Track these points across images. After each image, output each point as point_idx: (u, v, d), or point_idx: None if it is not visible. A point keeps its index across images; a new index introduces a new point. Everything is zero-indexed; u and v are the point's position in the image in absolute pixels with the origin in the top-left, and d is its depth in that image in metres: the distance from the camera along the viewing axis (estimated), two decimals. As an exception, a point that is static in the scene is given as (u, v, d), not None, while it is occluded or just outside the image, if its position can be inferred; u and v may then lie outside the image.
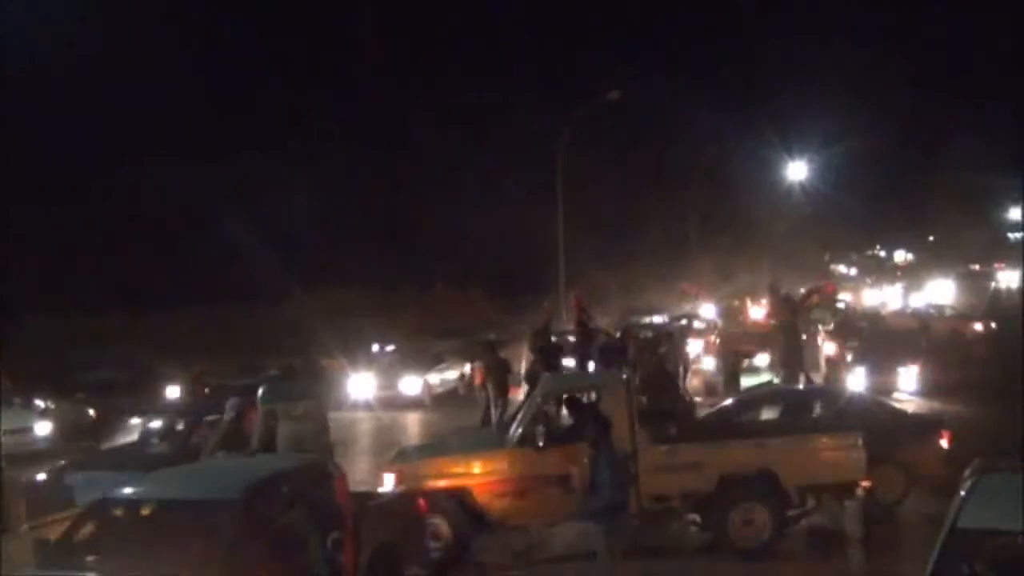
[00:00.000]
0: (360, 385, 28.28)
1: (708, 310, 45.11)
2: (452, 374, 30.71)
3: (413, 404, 27.62)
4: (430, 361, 30.03)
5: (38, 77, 41.68)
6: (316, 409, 13.11)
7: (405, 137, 62.30)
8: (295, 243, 49.35)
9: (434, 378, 29.33)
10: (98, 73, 46.16)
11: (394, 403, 27.36)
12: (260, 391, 13.04)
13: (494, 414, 21.59)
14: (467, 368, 30.33)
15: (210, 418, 15.70)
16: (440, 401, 28.51)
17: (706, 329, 35.39)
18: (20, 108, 38.73)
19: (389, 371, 29.02)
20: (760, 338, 26.59)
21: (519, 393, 20.61)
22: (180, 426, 16.02)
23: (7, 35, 32.48)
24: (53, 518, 10.97)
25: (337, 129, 59.57)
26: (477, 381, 22.98)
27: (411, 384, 28.35)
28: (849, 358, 25.15)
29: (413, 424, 25.37)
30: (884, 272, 79.70)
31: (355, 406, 26.74)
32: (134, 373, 28.28)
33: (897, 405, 17.53)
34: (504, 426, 14.26)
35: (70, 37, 40.07)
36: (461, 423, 22.65)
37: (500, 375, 22.26)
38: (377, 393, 27.95)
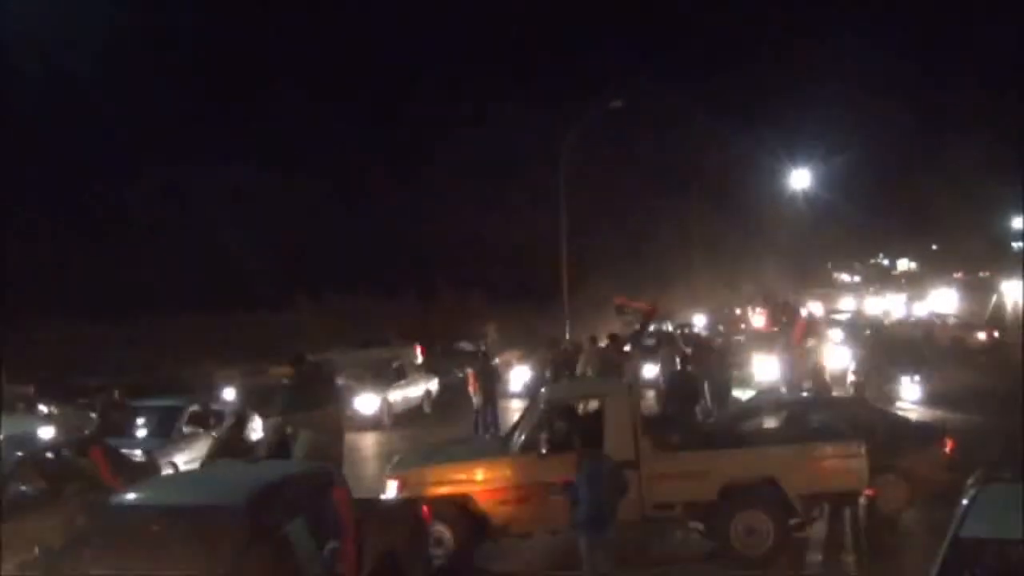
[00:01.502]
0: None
1: (699, 319, 45.05)
2: (416, 390, 27.87)
3: (370, 424, 24.62)
4: (391, 376, 26.76)
5: (38, 83, 41.86)
6: (332, 417, 13.10)
7: (409, 143, 62.45)
8: (298, 248, 49.50)
9: (395, 395, 26.41)
10: (98, 78, 46.30)
11: (348, 424, 22.92)
12: (274, 400, 13.03)
13: (489, 422, 21.67)
14: (434, 384, 29.18)
15: (49, 455, 13.89)
16: (402, 421, 26.02)
17: (708, 337, 35.35)
18: (20, 113, 38.92)
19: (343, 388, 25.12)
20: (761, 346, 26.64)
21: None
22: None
23: (7, 44, 32.72)
24: None
25: (342, 134, 59.82)
26: (471, 388, 23.00)
27: (368, 402, 25.11)
28: (852, 367, 25.13)
29: (368, 447, 22.59)
30: (887, 280, 79.65)
31: None
32: (137, 378, 28.30)
33: (900, 414, 17.53)
34: (508, 433, 14.26)
35: (66, 44, 40.27)
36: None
37: (489, 383, 22.29)
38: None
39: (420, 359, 34.01)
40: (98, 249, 43.68)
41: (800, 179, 52.07)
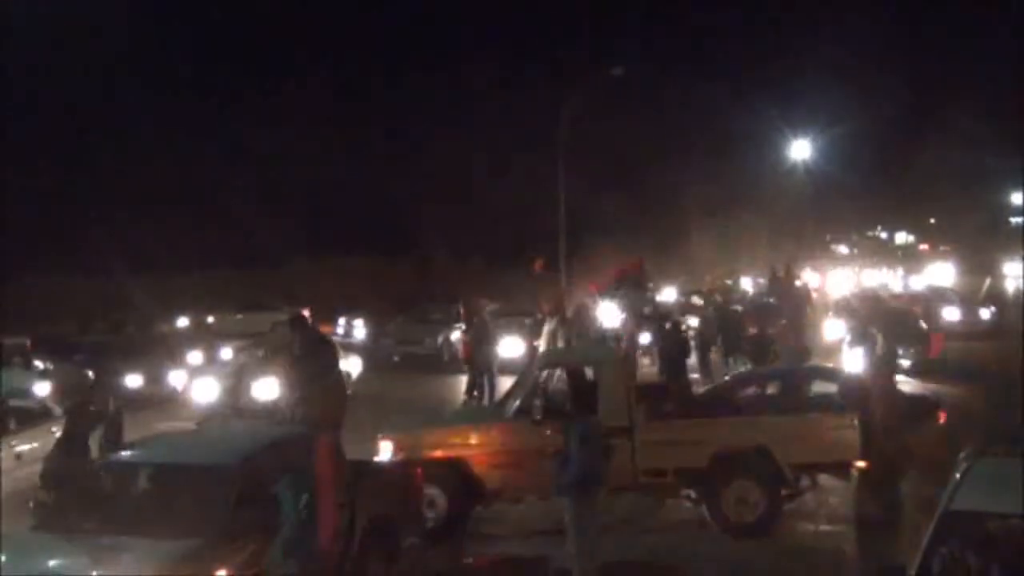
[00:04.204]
0: (201, 394, 21.18)
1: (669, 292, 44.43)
2: None
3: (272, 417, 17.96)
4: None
5: (36, 39, 41.70)
6: (339, 383, 13.07)
7: (412, 108, 62.29)
8: (298, 208, 49.50)
9: None
10: (99, 34, 46.12)
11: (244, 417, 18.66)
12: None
13: (487, 390, 21.60)
14: (355, 364, 24.83)
15: None
16: None
17: (703, 306, 35.29)
18: (19, 72, 38.83)
19: (240, 372, 21.54)
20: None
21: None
22: None
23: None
24: None
25: (345, 96, 59.66)
26: (463, 355, 22.92)
27: (269, 389, 18.85)
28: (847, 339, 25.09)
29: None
30: (884, 253, 79.69)
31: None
32: (129, 335, 28.33)
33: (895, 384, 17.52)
34: (503, 398, 14.29)
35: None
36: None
37: (484, 351, 22.08)
38: (221, 404, 20.17)
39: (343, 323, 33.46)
40: (98, 204, 43.69)
41: (800, 150, 51.94)
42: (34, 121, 44.07)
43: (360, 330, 36.99)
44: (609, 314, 27.52)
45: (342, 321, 37.52)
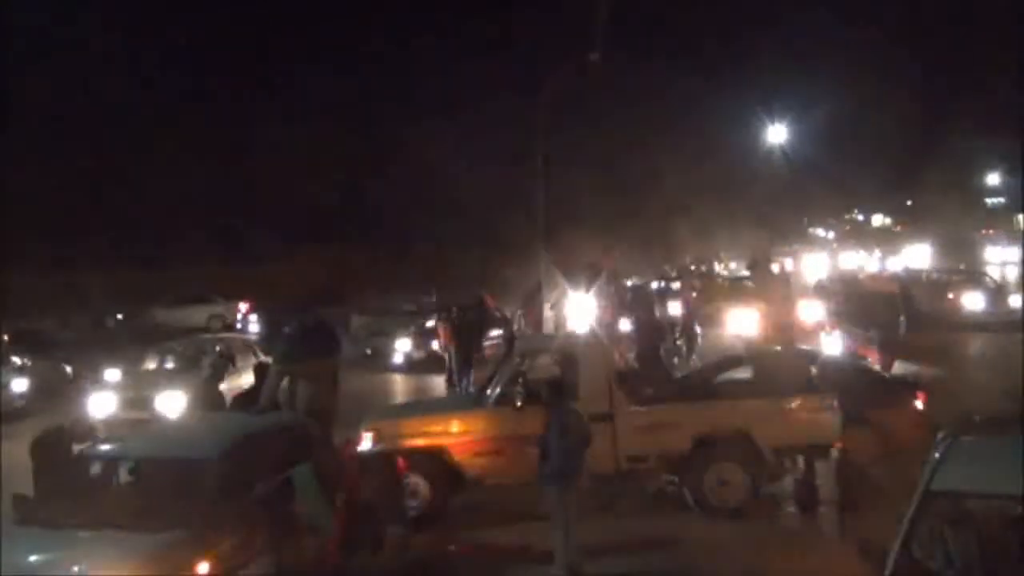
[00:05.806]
0: (99, 406, 18.23)
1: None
2: (248, 379, 15.94)
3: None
4: (220, 365, 17.11)
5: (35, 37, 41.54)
6: (329, 369, 13.03)
7: (389, 95, 62.07)
8: (279, 200, 49.34)
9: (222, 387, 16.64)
10: (69, 26, 45.90)
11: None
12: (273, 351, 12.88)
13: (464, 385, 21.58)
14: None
15: None
16: None
17: (682, 290, 35.30)
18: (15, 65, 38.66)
19: (144, 380, 19.40)
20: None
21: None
22: None
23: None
24: None
25: (336, 88, 59.44)
26: (442, 341, 22.90)
27: (173, 401, 17.55)
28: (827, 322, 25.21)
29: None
30: (861, 236, 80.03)
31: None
32: (108, 330, 28.23)
33: (873, 367, 17.62)
34: (483, 386, 14.30)
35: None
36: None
37: (465, 338, 22.07)
38: (123, 416, 17.89)
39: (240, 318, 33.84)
40: (78, 199, 43.45)
41: (777, 134, 51.97)
42: (10, 116, 43.71)
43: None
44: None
45: (253, 318, 35.58)
